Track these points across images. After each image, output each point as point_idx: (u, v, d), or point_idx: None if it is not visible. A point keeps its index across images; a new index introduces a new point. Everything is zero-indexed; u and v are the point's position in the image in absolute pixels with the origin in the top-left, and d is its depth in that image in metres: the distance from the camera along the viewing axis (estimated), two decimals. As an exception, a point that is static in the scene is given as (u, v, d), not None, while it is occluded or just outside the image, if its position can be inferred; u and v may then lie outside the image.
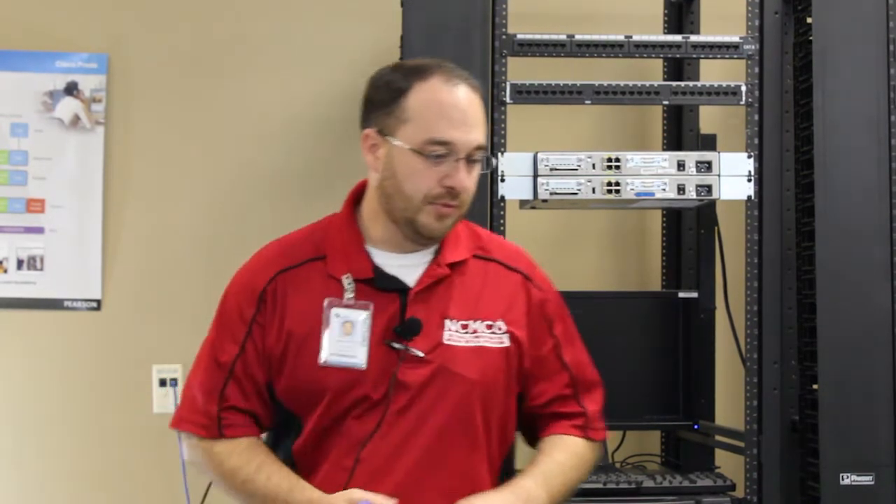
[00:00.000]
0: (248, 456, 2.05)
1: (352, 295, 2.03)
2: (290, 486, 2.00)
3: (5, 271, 3.41)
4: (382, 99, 2.03)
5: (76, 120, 3.44)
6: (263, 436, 2.12)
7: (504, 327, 2.07)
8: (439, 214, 2.01)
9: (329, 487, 1.98)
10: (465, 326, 2.05)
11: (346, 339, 2.01)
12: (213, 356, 2.10)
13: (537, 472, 2.04)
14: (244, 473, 2.04)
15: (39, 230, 3.42)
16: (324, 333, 2.02)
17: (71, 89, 3.44)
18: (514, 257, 2.16)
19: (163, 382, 3.42)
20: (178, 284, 3.46)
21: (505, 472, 2.11)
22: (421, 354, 2.01)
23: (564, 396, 2.13)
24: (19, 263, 3.41)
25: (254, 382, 2.06)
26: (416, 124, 2.00)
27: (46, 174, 3.43)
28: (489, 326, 2.06)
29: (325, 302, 2.03)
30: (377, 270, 2.05)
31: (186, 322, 3.45)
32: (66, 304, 3.42)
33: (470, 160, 2.01)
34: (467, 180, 2.00)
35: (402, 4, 2.88)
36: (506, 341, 2.06)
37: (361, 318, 2.02)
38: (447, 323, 2.04)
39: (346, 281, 2.04)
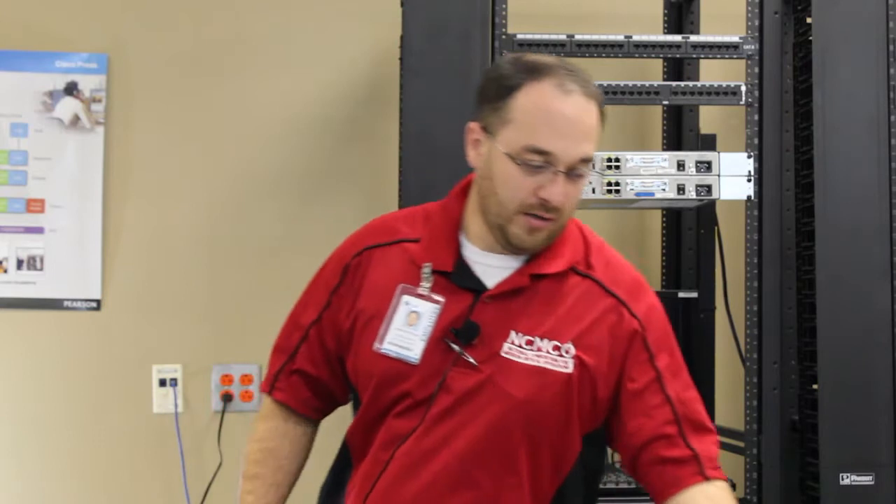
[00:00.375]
0: (262, 456, 2.08)
1: (428, 285, 1.94)
2: None
3: (5, 271, 3.41)
4: (491, 93, 1.91)
5: (76, 120, 3.44)
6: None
7: (572, 351, 1.91)
8: (531, 227, 1.89)
9: (365, 480, 1.96)
10: (529, 342, 1.91)
11: (408, 329, 1.93)
12: (296, 316, 2.09)
13: None
14: (246, 469, 2.09)
15: (39, 230, 3.42)
16: (387, 319, 1.94)
17: (71, 89, 3.44)
18: (616, 278, 1.98)
19: (163, 382, 3.42)
20: (178, 284, 3.46)
21: None
22: (473, 362, 1.91)
23: (668, 436, 1.92)
24: (19, 263, 3.41)
25: (325, 351, 2.04)
26: (518, 128, 1.87)
27: (46, 174, 3.43)
28: (556, 348, 1.91)
29: (398, 288, 1.95)
30: (458, 265, 1.96)
31: (186, 322, 3.46)
32: (66, 304, 3.42)
33: (573, 173, 1.88)
34: (564, 195, 1.87)
35: (402, 4, 2.88)
36: (569, 367, 1.91)
37: (428, 312, 1.93)
38: (512, 335, 1.91)
39: (426, 270, 1.95)
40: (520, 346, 1.91)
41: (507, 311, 1.93)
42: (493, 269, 1.95)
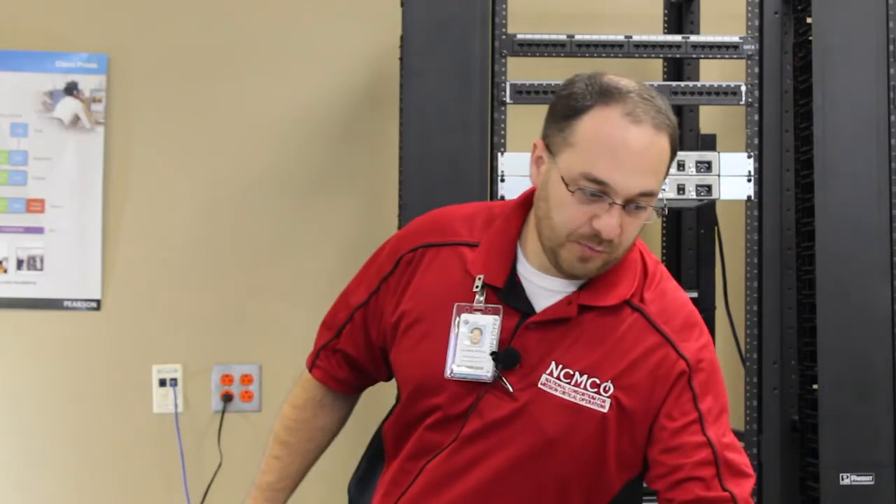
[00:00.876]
0: (296, 425, 2.09)
1: (482, 298, 1.88)
2: (268, 482, 2.08)
3: (5, 271, 3.41)
4: (560, 112, 1.83)
5: (76, 120, 3.44)
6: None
7: (610, 390, 1.85)
8: (582, 256, 1.81)
9: (393, 487, 1.96)
10: (568, 376, 1.85)
11: (474, 348, 1.87)
12: (348, 294, 2.06)
13: None
14: (278, 432, 2.10)
15: (39, 230, 3.42)
16: (451, 343, 1.88)
17: (71, 89, 3.44)
18: (667, 315, 1.90)
19: (163, 382, 3.42)
20: (178, 284, 3.46)
21: None
22: (510, 388, 1.86)
23: (705, 479, 1.85)
24: (19, 263, 3.41)
25: (367, 338, 2.02)
26: (579, 153, 1.78)
27: (46, 174, 3.43)
28: (594, 385, 1.85)
29: (454, 307, 1.89)
30: (509, 282, 1.89)
31: (186, 322, 3.46)
32: (66, 304, 3.42)
33: (631, 206, 1.79)
34: (618, 228, 1.78)
35: (402, 4, 2.88)
36: (605, 406, 1.84)
37: (489, 326, 1.87)
38: (552, 365, 1.85)
39: (478, 281, 1.89)
40: (558, 379, 1.85)
41: (549, 340, 1.87)
42: (544, 291, 1.89)
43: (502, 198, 2.85)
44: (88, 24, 3.47)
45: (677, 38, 2.99)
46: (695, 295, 3.22)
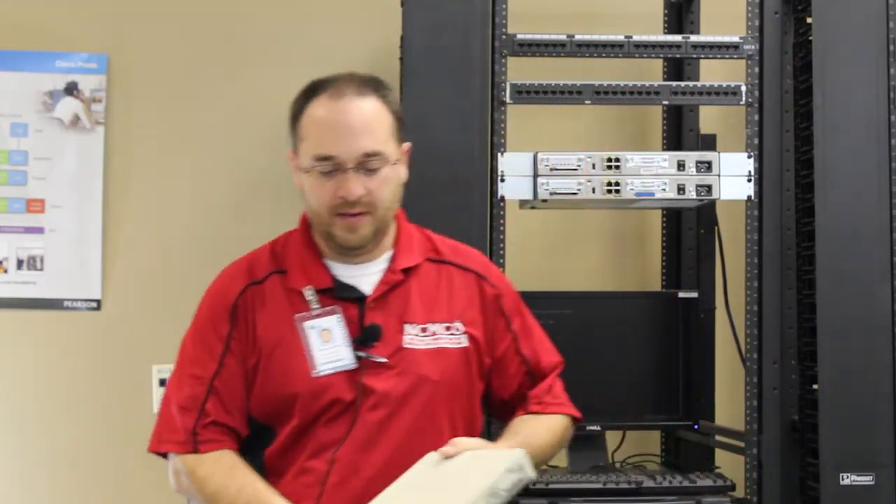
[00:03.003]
0: (230, 479, 2.05)
1: (317, 305, 2.09)
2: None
3: (5, 271, 3.41)
4: (291, 120, 2.14)
5: (76, 120, 3.44)
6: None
7: (462, 328, 2.15)
8: (347, 225, 2.07)
9: (298, 489, 2.03)
10: (423, 330, 2.12)
11: (328, 346, 2.07)
12: (191, 372, 2.12)
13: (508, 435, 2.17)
14: (226, 498, 2.04)
15: (39, 230, 3.42)
16: (305, 350, 2.07)
17: (71, 89, 3.44)
18: (467, 259, 2.24)
19: (163, 382, 3.41)
20: (178, 284, 3.45)
21: None
22: (383, 360, 2.07)
23: (521, 391, 2.25)
24: (19, 263, 3.41)
25: (235, 397, 2.10)
26: (307, 143, 2.08)
27: (46, 174, 3.43)
28: (447, 328, 2.14)
29: (295, 319, 2.09)
30: (335, 280, 2.12)
31: (186, 322, 3.43)
32: (66, 304, 3.43)
33: (363, 168, 2.05)
34: (358, 188, 2.04)
35: (402, 4, 2.88)
36: (464, 341, 2.15)
37: (335, 322, 2.08)
38: (406, 327, 2.11)
39: (308, 293, 2.10)
40: (417, 335, 2.11)
41: (392, 309, 2.11)
42: (362, 277, 2.14)
43: (502, 198, 2.85)
44: (88, 24, 3.47)
45: (677, 38, 2.99)
46: (695, 295, 3.22)
